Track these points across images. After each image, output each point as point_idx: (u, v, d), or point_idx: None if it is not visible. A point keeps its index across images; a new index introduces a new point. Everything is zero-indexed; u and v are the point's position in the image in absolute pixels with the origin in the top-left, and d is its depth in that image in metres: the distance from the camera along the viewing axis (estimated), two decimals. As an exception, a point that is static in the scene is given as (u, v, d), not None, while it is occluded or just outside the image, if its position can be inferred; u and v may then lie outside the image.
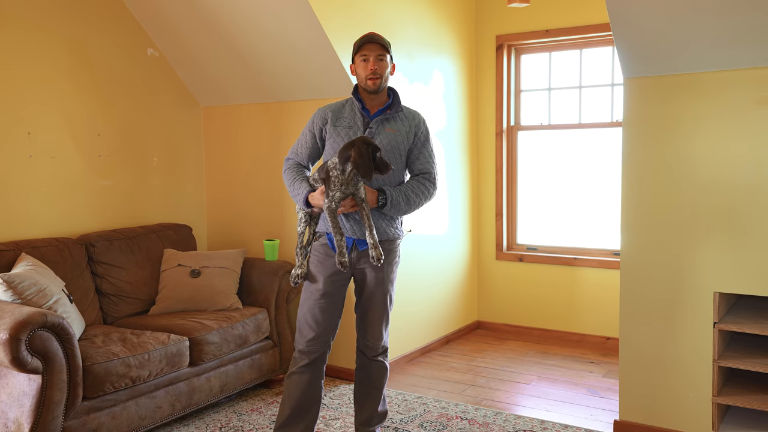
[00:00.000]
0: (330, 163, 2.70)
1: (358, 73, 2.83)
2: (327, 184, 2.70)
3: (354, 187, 2.69)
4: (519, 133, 5.15)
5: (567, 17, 4.75)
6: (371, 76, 2.79)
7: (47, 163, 3.74)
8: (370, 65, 2.78)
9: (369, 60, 2.79)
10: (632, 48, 3.06)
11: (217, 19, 3.93)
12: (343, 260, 2.71)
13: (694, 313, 3.13)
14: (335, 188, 2.67)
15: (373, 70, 2.78)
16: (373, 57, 2.79)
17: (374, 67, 2.78)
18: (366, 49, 2.80)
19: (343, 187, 2.67)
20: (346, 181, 2.66)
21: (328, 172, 2.69)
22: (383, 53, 2.81)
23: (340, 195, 2.67)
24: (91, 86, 3.95)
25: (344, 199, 2.69)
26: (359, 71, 2.83)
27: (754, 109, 2.96)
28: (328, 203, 2.68)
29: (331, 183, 2.67)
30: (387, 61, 2.83)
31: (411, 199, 2.84)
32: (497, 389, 4.00)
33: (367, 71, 2.79)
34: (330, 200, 2.68)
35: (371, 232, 2.72)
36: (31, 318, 2.68)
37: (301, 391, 2.91)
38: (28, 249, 3.40)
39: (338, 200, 2.68)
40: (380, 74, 2.79)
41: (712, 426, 3.10)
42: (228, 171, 4.57)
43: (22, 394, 2.75)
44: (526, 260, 5.07)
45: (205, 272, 3.88)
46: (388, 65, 2.84)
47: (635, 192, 3.24)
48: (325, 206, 2.70)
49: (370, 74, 2.79)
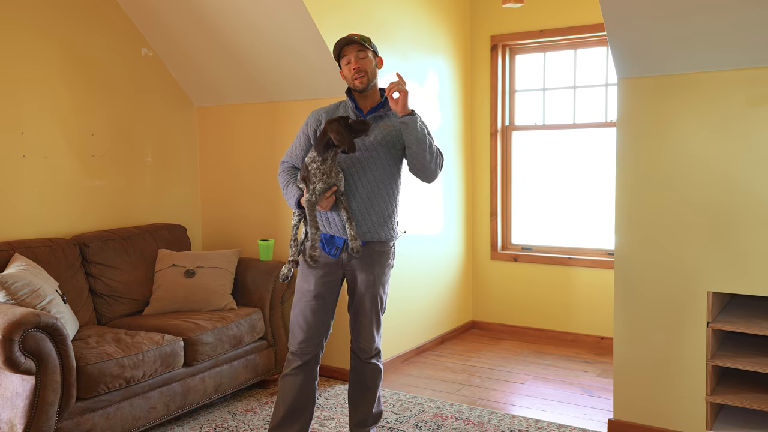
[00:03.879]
0: (308, 158, 2.75)
1: (346, 76, 2.85)
2: (308, 179, 2.74)
3: (335, 178, 2.72)
4: (513, 133, 5.16)
5: (561, 17, 4.76)
6: (356, 76, 2.79)
7: (41, 163, 3.73)
8: (353, 65, 2.79)
9: (351, 61, 2.79)
10: (626, 48, 3.07)
11: (211, 18, 3.92)
12: (314, 254, 2.76)
13: (687, 313, 3.14)
14: (317, 179, 2.70)
15: (356, 69, 2.78)
16: (353, 56, 2.79)
17: (356, 65, 2.78)
18: (345, 51, 2.81)
19: (325, 177, 2.69)
20: (327, 170, 2.69)
21: (307, 167, 2.74)
22: (363, 50, 2.80)
23: (321, 186, 2.70)
24: (84, 86, 3.94)
25: (326, 190, 2.72)
26: (345, 74, 2.84)
27: (746, 109, 2.97)
28: (309, 196, 2.72)
29: (312, 176, 2.71)
30: (370, 57, 2.82)
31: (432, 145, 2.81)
32: (492, 389, 4.01)
33: (352, 72, 2.80)
34: (311, 193, 2.71)
35: (351, 224, 2.75)
36: (24, 318, 2.67)
37: (295, 393, 2.91)
38: (22, 249, 3.38)
39: (320, 192, 2.71)
40: (365, 70, 2.79)
41: (705, 425, 3.11)
42: (222, 171, 4.56)
43: (16, 395, 2.74)
44: (520, 260, 5.08)
45: (199, 272, 3.87)
46: (372, 60, 2.83)
47: (629, 192, 3.25)
48: (306, 199, 2.73)
49: (354, 74, 2.79)
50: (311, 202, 2.72)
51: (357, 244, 2.76)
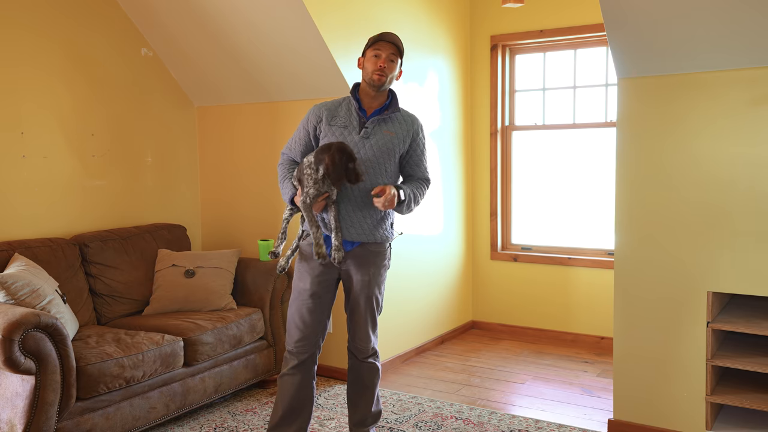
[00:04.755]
0: (305, 162, 2.75)
1: (366, 67, 2.82)
2: (302, 181, 2.75)
3: (328, 187, 2.72)
4: (513, 133, 5.16)
5: (561, 17, 4.76)
6: (378, 72, 2.77)
7: (40, 163, 3.72)
8: (381, 62, 2.77)
9: (381, 57, 2.78)
10: (626, 48, 3.07)
11: (211, 18, 3.92)
12: (320, 251, 2.74)
13: (687, 313, 3.14)
14: (308, 185, 2.71)
15: (381, 67, 2.77)
16: (386, 55, 2.78)
17: (384, 64, 2.77)
18: (381, 45, 2.79)
19: (317, 186, 2.70)
20: (320, 180, 2.69)
21: (302, 170, 2.74)
22: (396, 55, 2.81)
23: (314, 192, 2.71)
24: (84, 86, 3.93)
25: (318, 196, 2.72)
26: (368, 65, 2.81)
27: (747, 109, 2.97)
28: (303, 199, 2.73)
29: (305, 180, 2.72)
30: (397, 65, 2.83)
31: (417, 198, 2.89)
32: (492, 389, 4.01)
33: (376, 66, 2.78)
34: (305, 196, 2.72)
35: (338, 234, 2.77)
36: (24, 318, 2.67)
37: (293, 393, 2.91)
38: (21, 249, 3.38)
39: (312, 197, 2.71)
40: (387, 73, 2.79)
41: (705, 425, 3.11)
42: (222, 171, 4.56)
43: (15, 395, 2.74)
44: (520, 260, 5.08)
45: (199, 272, 3.87)
46: (397, 69, 2.84)
47: (629, 192, 3.25)
48: (300, 201, 2.74)
49: (378, 69, 2.77)
50: (306, 204, 2.72)
51: (339, 255, 2.76)
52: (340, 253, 2.77)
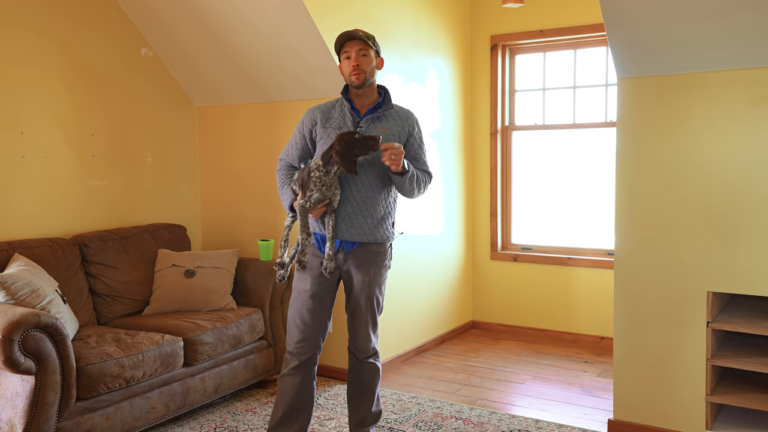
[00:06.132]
0: (313, 164, 2.72)
1: (344, 72, 2.82)
2: (306, 185, 2.71)
3: (331, 192, 2.70)
4: (513, 133, 5.16)
5: (561, 17, 4.76)
6: (355, 73, 2.77)
7: (40, 163, 3.73)
8: (353, 61, 2.77)
9: (351, 57, 2.77)
10: (626, 48, 3.07)
11: (210, 18, 3.92)
12: (303, 259, 2.75)
13: (687, 313, 3.14)
14: (315, 188, 2.67)
15: (355, 66, 2.76)
16: (355, 53, 2.77)
17: (356, 62, 2.76)
18: (347, 46, 2.79)
19: (323, 188, 2.67)
20: (328, 182, 2.67)
21: (309, 173, 2.70)
22: (365, 48, 2.78)
23: (318, 196, 2.68)
24: (84, 86, 3.93)
25: (320, 201, 2.70)
26: (344, 69, 2.82)
27: (747, 109, 2.97)
28: (303, 202, 2.69)
29: (312, 183, 2.68)
30: (371, 56, 2.80)
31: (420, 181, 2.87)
32: (492, 389, 4.01)
33: (350, 68, 2.78)
34: (306, 200, 2.69)
35: (332, 243, 2.77)
36: (24, 318, 2.67)
37: (293, 393, 2.91)
38: (21, 249, 3.38)
39: (314, 201, 2.69)
40: (363, 69, 2.77)
41: (705, 425, 3.11)
42: (222, 171, 4.57)
43: (15, 395, 2.74)
44: (520, 260, 5.08)
45: (199, 272, 3.87)
46: (373, 59, 2.81)
47: (629, 192, 3.25)
48: (299, 204, 2.71)
49: (353, 70, 2.77)
50: (304, 208, 2.70)
51: (331, 265, 2.77)
52: (331, 264, 2.77)
